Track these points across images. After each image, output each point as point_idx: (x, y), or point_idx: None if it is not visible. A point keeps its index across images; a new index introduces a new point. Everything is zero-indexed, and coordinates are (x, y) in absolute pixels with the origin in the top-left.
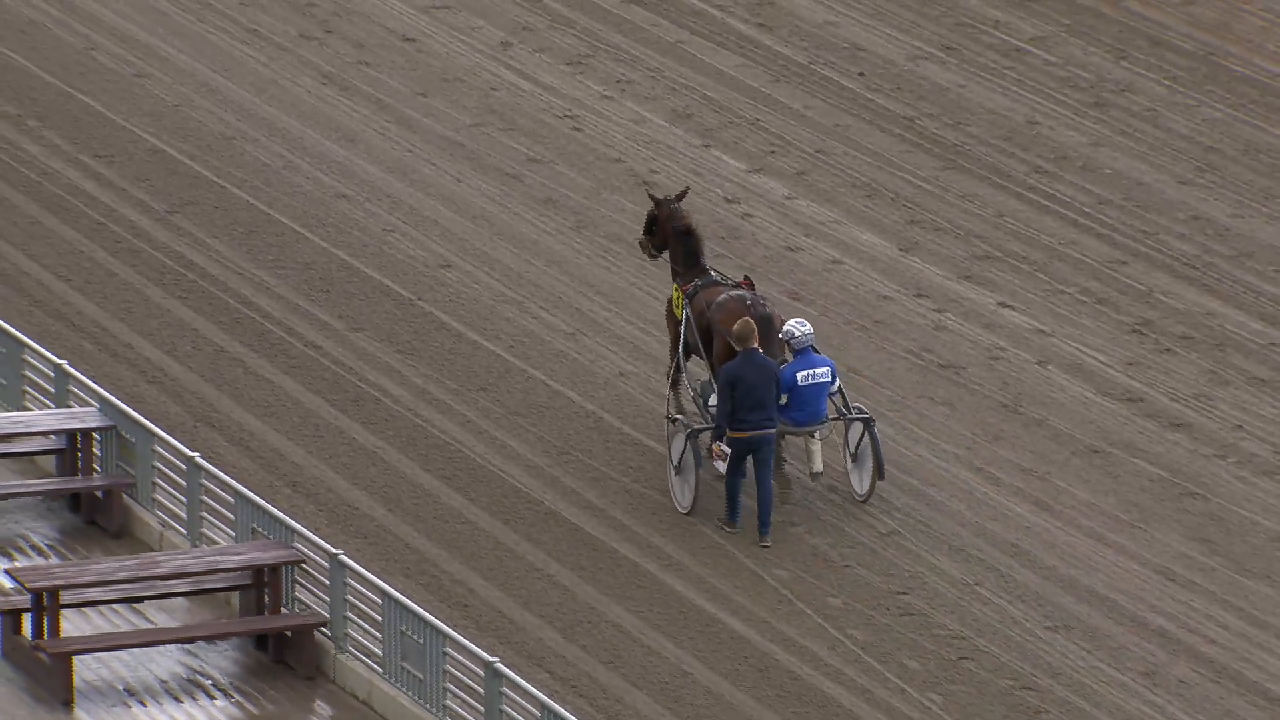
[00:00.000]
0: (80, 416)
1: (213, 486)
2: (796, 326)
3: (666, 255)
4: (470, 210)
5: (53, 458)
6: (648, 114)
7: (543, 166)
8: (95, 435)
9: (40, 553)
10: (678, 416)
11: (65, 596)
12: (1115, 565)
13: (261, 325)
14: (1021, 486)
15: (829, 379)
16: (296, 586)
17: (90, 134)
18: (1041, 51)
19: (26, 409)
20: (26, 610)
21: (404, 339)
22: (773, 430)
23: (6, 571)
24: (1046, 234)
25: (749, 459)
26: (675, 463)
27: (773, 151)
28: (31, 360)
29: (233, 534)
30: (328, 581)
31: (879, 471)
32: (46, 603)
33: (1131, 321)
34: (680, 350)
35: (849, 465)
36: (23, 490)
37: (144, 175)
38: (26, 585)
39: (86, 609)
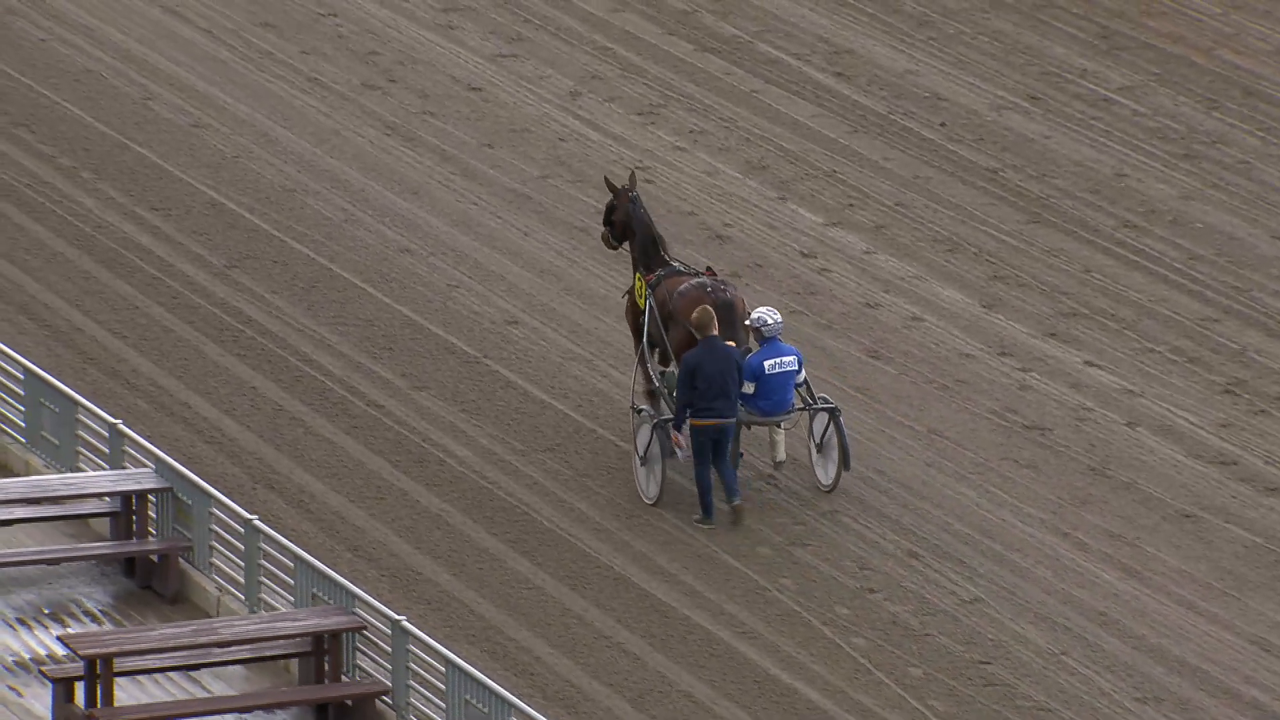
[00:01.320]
0: (135, 478)
1: (271, 550)
2: (768, 314)
3: (627, 246)
4: (538, 265)
5: (107, 520)
6: (721, 165)
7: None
8: (151, 497)
9: (94, 618)
10: (643, 408)
11: (119, 664)
12: (1208, 635)
13: (322, 384)
14: (1110, 552)
15: (795, 368)
16: (358, 654)
17: (146, 186)
18: (1130, 101)
19: (80, 470)
20: (79, 678)
21: (469, 398)
22: (734, 419)
23: (59, 638)
24: (1135, 290)
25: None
26: (641, 454)
27: (851, 204)
28: (85, 420)
29: (292, 599)
30: (390, 649)
31: (845, 462)
32: (100, 670)
33: (1224, 381)
34: (645, 341)
35: (813, 456)
36: (76, 554)
37: (201, 228)
38: (79, 652)
39: (141, 677)
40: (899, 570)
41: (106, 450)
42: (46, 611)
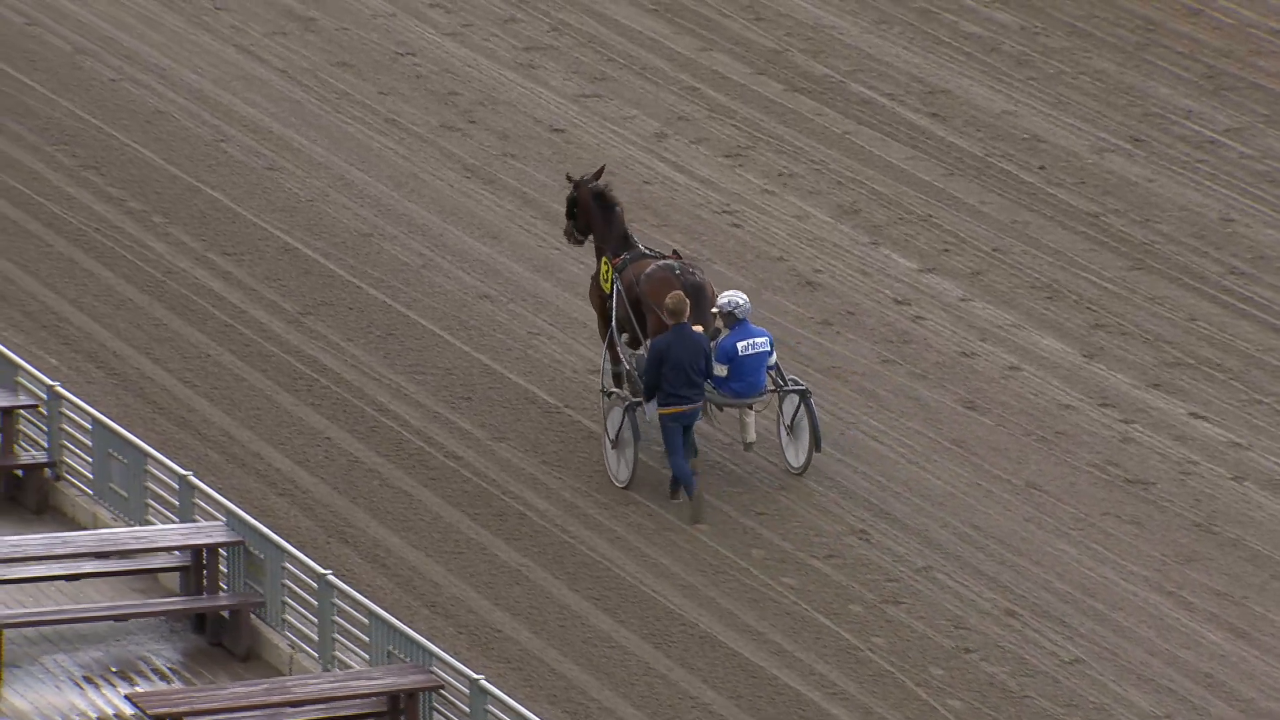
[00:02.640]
0: (206, 531)
1: (346, 606)
2: (736, 296)
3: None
4: None
5: (177, 575)
6: (811, 209)
7: (699, 265)
8: (222, 551)
9: (163, 676)
10: (614, 391)
11: None
12: None
13: (399, 434)
14: (1216, 612)
15: (767, 350)
16: (435, 713)
17: (219, 230)
18: (1237, 144)
19: (149, 523)
20: None
21: (550, 449)
22: (700, 404)
23: (127, 697)
24: (1242, 339)
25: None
26: (612, 437)
27: (946, 250)
28: (155, 471)
29: (367, 657)
30: (468, 709)
31: (816, 444)
32: None
33: None
34: (613, 325)
35: (783, 438)
36: (145, 610)
37: (275, 274)
38: (148, 711)
39: None
40: (996, 629)
41: (176, 503)
42: (114, 669)
